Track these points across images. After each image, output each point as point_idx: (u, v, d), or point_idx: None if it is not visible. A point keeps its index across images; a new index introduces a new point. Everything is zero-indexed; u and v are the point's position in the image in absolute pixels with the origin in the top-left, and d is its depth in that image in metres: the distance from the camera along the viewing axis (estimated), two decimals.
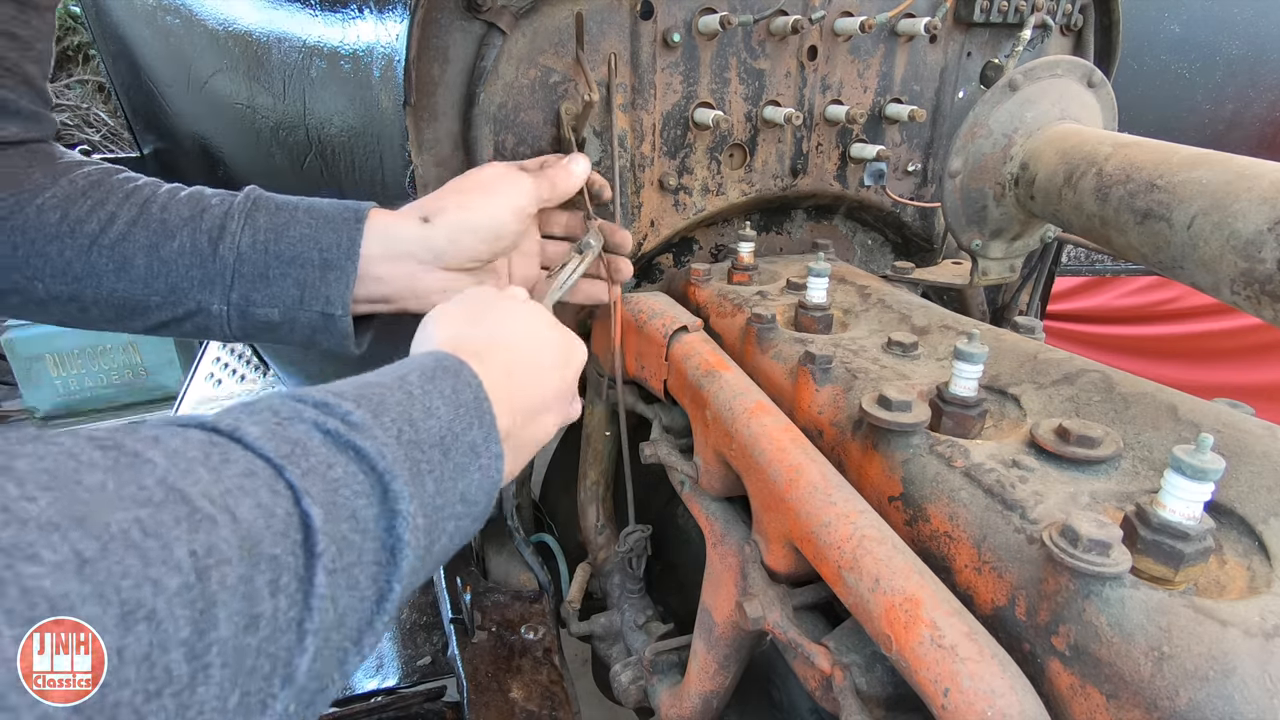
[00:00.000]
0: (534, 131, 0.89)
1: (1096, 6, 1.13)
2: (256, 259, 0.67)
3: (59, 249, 0.66)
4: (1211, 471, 0.41)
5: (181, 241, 0.66)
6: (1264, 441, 0.52)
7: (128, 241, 0.66)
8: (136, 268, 0.66)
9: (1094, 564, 0.41)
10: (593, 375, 1.01)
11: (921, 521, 0.56)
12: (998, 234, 0.84)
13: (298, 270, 0.67)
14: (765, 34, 0.97)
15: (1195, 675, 0.38)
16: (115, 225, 0.66)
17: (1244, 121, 1.93)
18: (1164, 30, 1.77)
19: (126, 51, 1.21)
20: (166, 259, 0.66)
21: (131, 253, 0.66)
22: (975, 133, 0.78)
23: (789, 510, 0.60)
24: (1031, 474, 0.53)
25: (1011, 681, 0.42)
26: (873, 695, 0.56)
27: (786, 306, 0.86)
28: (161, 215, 0.67)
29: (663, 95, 0.94)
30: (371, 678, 1.18)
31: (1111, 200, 0.64)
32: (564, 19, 0.85)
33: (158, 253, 0.66)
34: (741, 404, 0.70)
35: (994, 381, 0.66)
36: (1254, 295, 0.53)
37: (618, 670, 0.97)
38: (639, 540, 0.96)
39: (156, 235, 0.66)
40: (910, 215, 1.18)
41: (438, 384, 0.48)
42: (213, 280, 0.67)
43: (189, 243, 0.67)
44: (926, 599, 0.47)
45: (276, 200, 0.70)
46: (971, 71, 1.12)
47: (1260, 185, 0.53)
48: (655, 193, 1.00)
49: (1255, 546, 0.46)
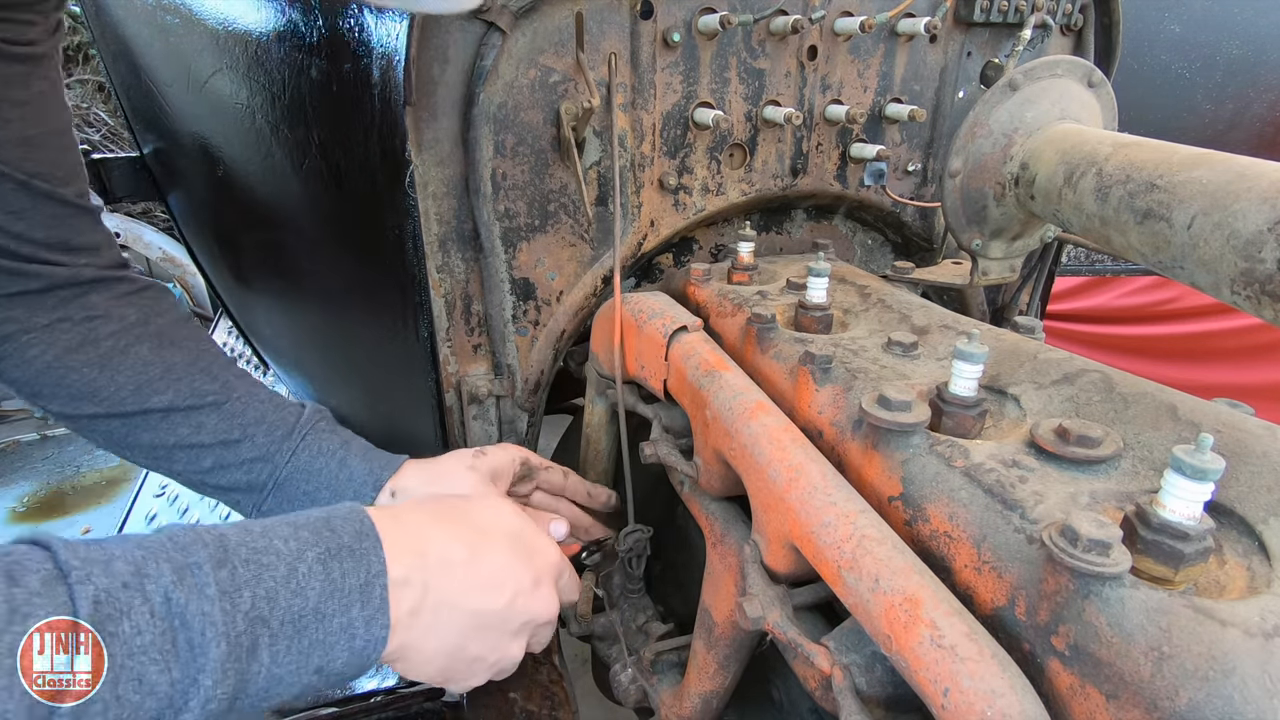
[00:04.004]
0: (534, 131, 0.89)
1: (1096, 6, 1.13)
2: (289, 489, 0.81)
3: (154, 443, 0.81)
4: (1211, 471, 0.41)
5: (241, 457, 0.81)
6: (1264, 441, 0.51)
7: (207, 452, 0.81)
8: (204, 466, 0.81)
9: (1094, 564, 0.41)
10: (593, 375, 1.01)
11: (921, 521, 0.56)
12: (998, 234, 0.84)
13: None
14: (765, 34, 0.97)
15: (1195, 675, 0.38)
16: (201, 436, 0.80)
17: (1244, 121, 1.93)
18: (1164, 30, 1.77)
19: (126, 51, 1.21)
20: (228, 466, 0.81)
21: (205, 458, 0.81)
22: (975, 132, 0.78)
23: (789, 510, 0.60)
24: (1031, 474, 0.53)
25: (1011, 681, 0.42)
26: (873, 695, 0.56)
27: (786, 306, 0.86)
28: (238, 434, 0.81)
29: (663, 95, 0.94)
30: (371, 678, 1.18)
31: (1111, 200, 0.64)
32: (564, 19, 0.85)
33: (223, 461, 0.80)
34: (741, 404, 0.69)
35: (994, 381, 0.66)
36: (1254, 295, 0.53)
37: (618, 670, 0.97)
38: (639, 540, 0.96)
39: (230, 450, 0.81)
40: (910, 215, 1.18)
41: (329, 565, 0.54)
42: (253, 490, 0.81)
43: (247, 461, 0.81)
44: (926, 599, 0.47)
45: (323, 443, 0.83)
46: (971, 71, 1.12)
47: (1260, 185, 0.53)
48: (655, 192, 1.00)
49: (1255, 546, 0.46)
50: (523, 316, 0.99)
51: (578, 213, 0.96)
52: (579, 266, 0.99)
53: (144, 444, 0.81)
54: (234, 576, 0.48)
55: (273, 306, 1.40)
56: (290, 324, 1.39)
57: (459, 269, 0.93)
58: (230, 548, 0.50)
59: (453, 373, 0.99)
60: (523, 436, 1.05)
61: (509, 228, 0.93)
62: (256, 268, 1.34)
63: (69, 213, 0.81)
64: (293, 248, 1.16)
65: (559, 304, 1.00)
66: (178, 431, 0.81)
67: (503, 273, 0.94)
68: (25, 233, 0.77)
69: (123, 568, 0.44)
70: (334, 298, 1.16)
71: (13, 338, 0.78)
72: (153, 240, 3.61)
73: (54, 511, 2.71)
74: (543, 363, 1.01)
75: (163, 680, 0.44)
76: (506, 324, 0.97)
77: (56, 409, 0.81)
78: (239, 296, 1.48)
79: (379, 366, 1.14)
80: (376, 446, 0.89)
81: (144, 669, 0.43)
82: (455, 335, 0.97)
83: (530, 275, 0.97)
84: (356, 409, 1.34)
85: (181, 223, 1.51)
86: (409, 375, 1.02)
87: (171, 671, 0.44)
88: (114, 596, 0.43)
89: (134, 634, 0.43)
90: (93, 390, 0.80)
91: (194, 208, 1.42)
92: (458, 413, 1.01)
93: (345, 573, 0.54)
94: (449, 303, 0.95)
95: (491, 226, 0.91)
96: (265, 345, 1.60)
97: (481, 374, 1.00)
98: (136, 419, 0.81)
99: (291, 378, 1.58)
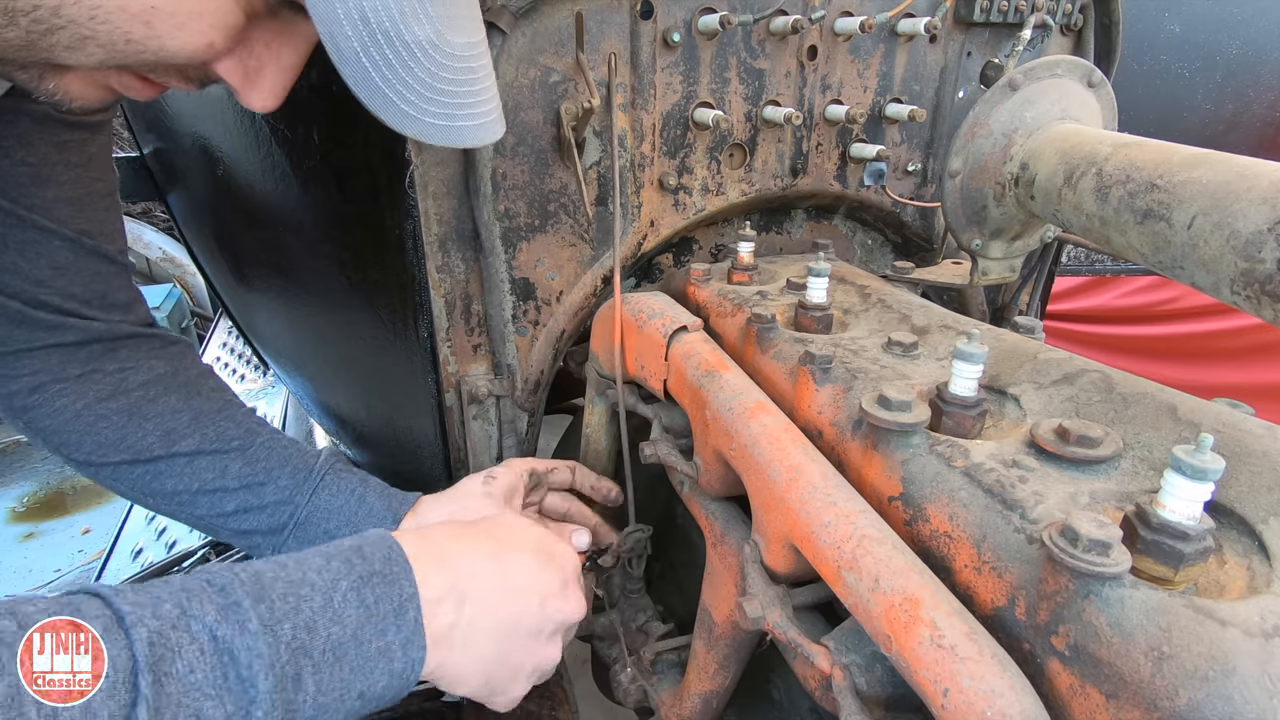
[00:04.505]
0: (534, 131, 0.89)
1: (1096, 6, 1.13)
2: (308, 530, 0.82)
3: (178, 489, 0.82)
4: (1211, 471, 0.41)
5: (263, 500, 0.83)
6: (1264, 441, 0.51)
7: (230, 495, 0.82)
8: (226, 510, 0.82)
9: (1094, 564, 0.41)
10: (593, 375, 1.01)
11: (921, 521, 0.56)
12: (998, 234, 0.84)
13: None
14: (765, 34, 0.97)
15: (1195, 675, 0.38)
16: (225, 480, 0.82)
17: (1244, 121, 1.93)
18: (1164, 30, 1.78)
19: None
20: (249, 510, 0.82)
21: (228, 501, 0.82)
22: (975, 132, 0.78)
23: (789, 510, 0.60)
24: (1031, 474, 0.53)
25: (1011, 681, 0.42)
26: (872, 695, 0.56)
27: (786, 306, 0.86)
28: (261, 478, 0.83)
29: (663, 95, 0.94)
30: None
31: (1111, 200, 0.64)
32: (564, 19, 0.85)
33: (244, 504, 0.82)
34: (741, 404, 0.69)
35: (994, 381, 0.66)
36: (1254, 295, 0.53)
37: (618, 670, 0.97)
38: (639, 540, 0.96)
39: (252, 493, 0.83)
40: (910, 215, 1.18)
41: (363, 592, 0.56)
42: (274, 533, 0.83)
43: (269, 505, 0.82)
44: (926, 599, 0.47)
45: (341, 482, 0.85)
46: (971, 71, 1.12)
47: (1260, 185, 0.53)
48: (655, 192, 1.00)
49: (1255, 546, 0.46)
50: (523, 316, 0.99)
51: (578, 213, 0.96)
52: (579, 266, 0.99)
53: (167, 490, 0.83)
54: (273, 610, 0.51)
55: (273, 306, 1.40)
56: (290, 324, 1.39)
57: (459, 269, 0.93)
58: (266, 583, 0.52)
59: (453, 373, 0.99)
60: (523, 436, 1.05)
61: (509, 228, 0.93)
62: (256, 268, 1.34)
63: (111, 270, 0.84)
64: (293, 248, 1.17)
65: (559, 304, 1.00)
66: (202, 476, 0.82)
67: (503, 273, 0.94)
68: (67, 287, 0.80)
69: (169, 610, 0.47)
70: (334, 298, 1.16)
71: (44, 387, 0.81)
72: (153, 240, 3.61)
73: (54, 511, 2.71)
74: (543, 363, 1.01)
75: (218, 713, 0.46)
76: (506, 324, 0.97)
77: (82, 457, 0.83)
78: (239, 296, 1.48)
79: (379, 366, 1.14)
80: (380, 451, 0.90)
81: (200, 705, 0.45)
82: (455, 335, 0.97)
83: (530, 275, 0.97)
84: (356, 409, 1.34)
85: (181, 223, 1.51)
86: (409, 375, 1.02)
87: (225, 705, 0.46)
88: (165, 637, 0.45)
89: (187, 672, 0.45)
90: (120, 437, 0.81)
91: (194, 208, 1.42)
92: (458, 413, 1.01)
93: (379, 598, 0.56)
94: (449, 303, 0.95)
95: (491, 226, 0.91)
96: (265, 345, 1.60)
97: (481, 374, 1.00)
98: (162, 464, 0.82)
99: (292, 378, 1.58)
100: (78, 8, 0.49)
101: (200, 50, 0.54)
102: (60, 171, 0.77)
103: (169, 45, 0.52)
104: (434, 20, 0.56)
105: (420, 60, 0.57)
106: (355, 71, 0.55)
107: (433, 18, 0.56)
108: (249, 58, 0.59)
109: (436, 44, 0.57)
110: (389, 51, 0.55)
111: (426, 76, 0.57)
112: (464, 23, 0.60)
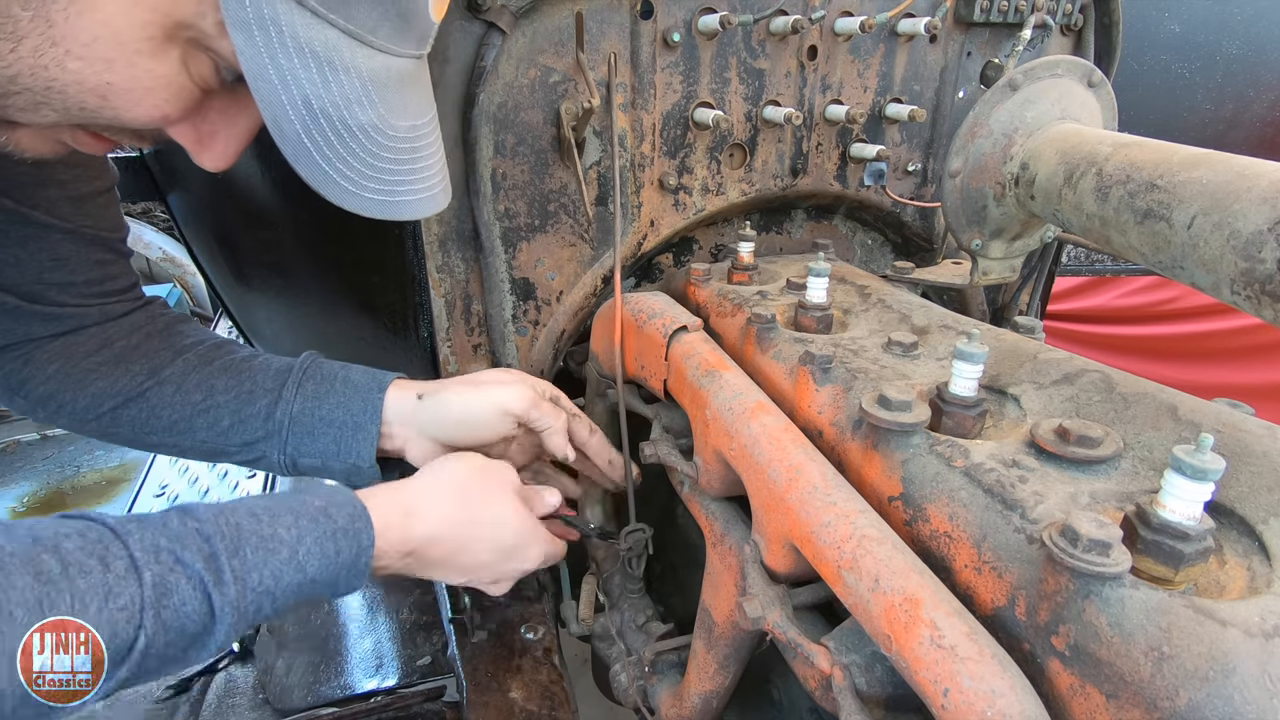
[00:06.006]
0: (534, 131, 0.89)
1: (1096, 6, 1.13)
2: (305, 420, 0.85)
3: (174, 417, 0.85)
4: (1211, 471, 0.41)
5: (255, 407, 0.85)
6: (1264, 441, 0.51)
7: (222, 409, 0.85)
8: (223, 426, 0.85)
9: (1094, 564, 0.41)
10: (593, 375, 1.01)
11: (921, 521, 0.56)
12: (998, 234, 0.84)
13: (334, 430, 0.84)
14: (765, 34, 0.97)
15: (1195, 675, 0.38)
16: (214, 397, 0.85)
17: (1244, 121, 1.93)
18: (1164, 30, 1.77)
19: None
20: (245, 419, 0.85)
21: (222, 416, 0.85)
22: (975, 132, 0.78)
23: (789, 510, 0.60)
24: (1031, 474, 0.53)
25: (1011, 681, 0.42)
26: (872, 695, 0.56)
27: (786, 306, 0.86)
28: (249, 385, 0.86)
29: (663, 95, 0.94)
30: (371, 677, 1.18)
31: (1111, 200, 0.64)
32: (564, 19, 0.85)
33: (239, 415, 0.85)
34: (741, 404, 0.70)
35: (994, 381, 0.66)
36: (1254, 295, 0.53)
37: (618, 670, 0.97)
38: (639, 540, 0.96)
39: (242, 402, 0.85)
40: (910, 215, 1.18)
41: (325, 546, 0.66)
42: (272, 436, 0.85)
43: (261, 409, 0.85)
44: (926, 599, 0.47)
45: (323, 369, 0.87)
46: (971, 71, 1.12)
47: (1260, 185, 0.53)
48: (655, 192, 1.00)
49: (1255, 546, 0.46)
50: (523, 316, 0.99)
51: (578, 213, 0.96)
52: (579, 266, 0.99)
53: (164, 422, 0.85)
54: (244, 563, 0.61)
55: (273, 306, 1.40)
56: (291, 324, 1.39)
57: (459, 269, 0.93)
58: (243, 536, 0.62)
59: (453, 373, 0.99)
60: None
61: (509, 228, 0.93)
62: (256, 268, 1.34)
63: (110, 259, 0.86)
64: (293, 248, 1.16)
65: (559, 304, 1.00)
66: (191, 398, 0.85)
67: (503, 273, 0.94)
68: (67, 278, 0.82)
69: (167, 557, 0.57)
70: (334, 298, 1.16)
71: (34, 358, 0.83)
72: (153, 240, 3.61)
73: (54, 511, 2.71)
74: (543, 363, 1.01)
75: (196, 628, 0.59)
76: (506, 324, 0.97)
77: (80, 413, 0.85)
78: (239, 296, 1.48)
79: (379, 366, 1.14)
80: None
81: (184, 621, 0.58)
82: (455, 335, 0.97)
83: (530, 275, 0.97)
84: None
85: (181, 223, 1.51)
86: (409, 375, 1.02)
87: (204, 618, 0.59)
88: (164, 580, 0.56)
89: (180, 604, 0.57)
90: (111, 383, 0.84)
91: (194, 208, 1.42)
92: None
93: (340, 550, 0.67)
94: (449, 303, 0.95)
95: (491, 226, 0.91)
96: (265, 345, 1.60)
97: None
98: (152, 394, 0.84)
99: None
100: (33, 79, 0.50)
101: (154, 120, 0.56)
102: (60, 172, 0.78)
103: (124, 116, 0.54)
104: (378, 106, 0.58)
105: (362, 142, 0.58)
106: (296, 151, 0.56)
107: (376, 104, 0.57)
108: (203, 123, 0.60)
109: (380, 127, 0.58)
110: (331, 134, 0.56)
111: (368, 156, 0.59)
112: (411, 106, 0.62)
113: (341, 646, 1.24)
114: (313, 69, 0.53)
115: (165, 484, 2.02)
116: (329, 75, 0.54)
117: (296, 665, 1.21)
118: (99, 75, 0.51)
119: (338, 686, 1.17)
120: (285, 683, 1.19)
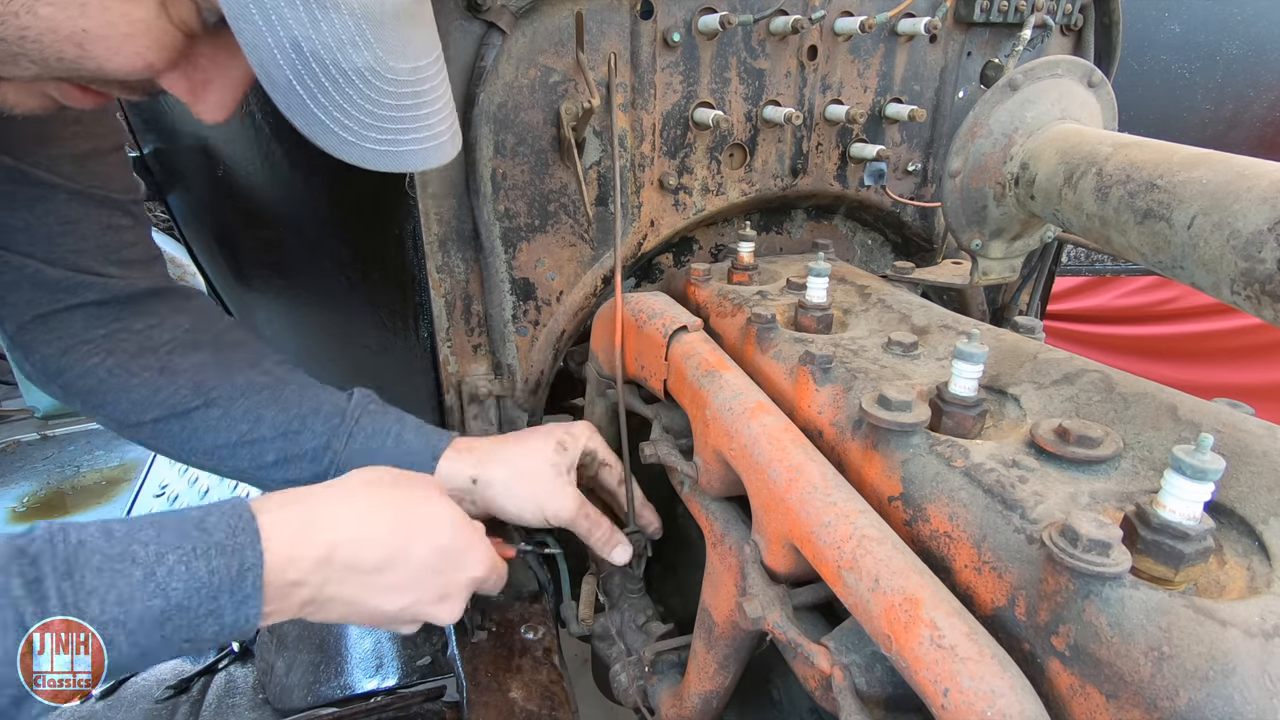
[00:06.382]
0: (534, 131, 0.89)
1: (1096, 6, 1.13)
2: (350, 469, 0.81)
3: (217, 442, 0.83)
4: (1211, 471, 0.41)
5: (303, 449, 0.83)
6: (1264, 441, 0.51)
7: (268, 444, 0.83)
8: (267, 461, 0.83)
9: (1094, 564, 0.41)
10: (593, 375, 1.01)
11: (921, 521, 0.56)
12: (998, 234, 0.84)
13: None
14: (765, 34, 0.97)
15: (1195, 675, 0.38)
16: (260, 429, 0.83)
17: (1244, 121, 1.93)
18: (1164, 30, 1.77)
19: None
20: (290, 459, 0.83)
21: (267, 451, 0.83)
22: (975, 132, 0.78)
23: (789, 510, 0.60)
24: (1031, 474, 0.53)
25: (1011, 681, 0.42)
26: (872, 695, 0.56)
27: (786, 306, 0.86)
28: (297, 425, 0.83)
29: (663, 95, 0.94)
30: (371, 678, 1.18)
31: (1111, 200, 0.64)
32: (564, 19, 0.85)
33: (285, 454, 0.83)
34: (741, 404, 0.69)
35: (994, 381, 0.66)
36: (1254, 295, 0.53)
37: (618, 670, 0.97)
38: (639, 540, 0.96)
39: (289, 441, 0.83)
40: (910, 215, 1.18)
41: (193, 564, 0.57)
42: (320, 477, 0.80)
43: (308, 452, 0.83)
44: (926, 599, 0.47)
45: (376, 422, 0.85)
46: (971, 71, 1.12)
47: (1260, 185, 0.53)
48: (655, 192, 1.00)
49: (1255, 546, 0.46)
50: (523, 316, 0.99)
51: (578, 213, 0.96)
52: (579, 266, 0.99)
53: (207, 446, 0.83)
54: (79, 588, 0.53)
55: (273, 306, 1.40)
56: (291, 324, 1.39)
57: (459, 269, 0.93)
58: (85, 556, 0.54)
59: (453, 373, 0.99)
60: None
61: (509, 228, 0.93)
62: (256, 268, 1.34)
63: (124, 223, 0.83)
64: (293, 248, 1.17)
65: (559, 304, 1.00)
66: (238, 428, 0.83)
67: (503, 273, 0.94)
68: (79, 244, 0.79)
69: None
70: (334, 298, 1.16)
71: (74, 349, 0.81)
72: None
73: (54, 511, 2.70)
74: (543, 363, 1.01)
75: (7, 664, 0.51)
76: (506, 324, 0.97)
77: (120, 416, 0.83)
78: (239, 296, 1.48)
79: (379, 366, 1.14)
80: None
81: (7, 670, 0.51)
82: (455, 335, 0.97)
83: (530, 275, 0.97)
84: None
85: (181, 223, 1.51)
86: (409, 375, 1.02)
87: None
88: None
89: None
90: (153, 392, 0.82)
91: (194, 208, 1.42)
92: (458, 413, 1.01)
93: (214, 570, 0.57)
94: (449, 303, 0.95)
95: (491, 226, 0.91)
96: None
97: (481, 374, 1.00)
98: (197, 416, 0.82)
99: None
100: (5, 27, 0.48)
101: (138, 69, 0.53)
102: (60, 128, 0.75)
103: (106, 66, 0.52)
104: (374, 46, 0.54)
105: (359, 87, 0.54)
106: (288, 99, 0.53)
107: (372, 44, 0.54)
108: (194, 71, 0.57)
109: (377, 70, 0.55)
110: (324, 79, 0.53)
111: (366, 103, 0.55)
112: (411, 46, 0.58)
113: (341, 646, 1.24)
114: (299, 7, 0.49)
115: (165, 484, 2.03)
116: (317, 13, 0.50)
117: (296, 665, 1.21)
118: (73, 21, 0.48)
119: (338, 686, 1.17)
120: (285, 683, 1.19)
